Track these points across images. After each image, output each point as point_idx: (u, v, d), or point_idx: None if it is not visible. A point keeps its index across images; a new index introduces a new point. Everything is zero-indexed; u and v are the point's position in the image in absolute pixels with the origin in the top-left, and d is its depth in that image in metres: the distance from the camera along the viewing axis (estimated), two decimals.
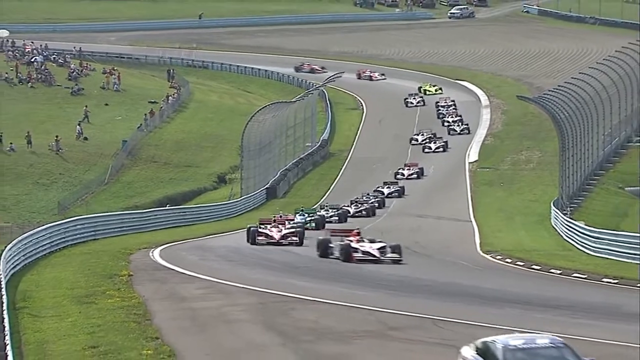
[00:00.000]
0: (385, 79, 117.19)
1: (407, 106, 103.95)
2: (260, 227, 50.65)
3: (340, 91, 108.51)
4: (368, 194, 70.52)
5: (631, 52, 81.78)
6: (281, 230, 50.41)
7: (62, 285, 37.53)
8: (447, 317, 29.41)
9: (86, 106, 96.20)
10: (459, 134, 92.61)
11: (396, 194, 73.22)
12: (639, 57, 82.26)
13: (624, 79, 77.52)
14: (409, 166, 79.42)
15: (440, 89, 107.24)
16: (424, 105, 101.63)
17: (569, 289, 37.46)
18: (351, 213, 65.64)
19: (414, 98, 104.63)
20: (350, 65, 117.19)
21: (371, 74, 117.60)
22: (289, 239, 49.73)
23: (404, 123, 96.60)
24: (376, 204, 68.67)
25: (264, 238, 49.71)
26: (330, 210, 64.21)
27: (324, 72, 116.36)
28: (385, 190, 72.77)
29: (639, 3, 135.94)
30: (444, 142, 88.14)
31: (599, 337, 26.31)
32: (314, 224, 59.57)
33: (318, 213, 62.49)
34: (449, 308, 31.02)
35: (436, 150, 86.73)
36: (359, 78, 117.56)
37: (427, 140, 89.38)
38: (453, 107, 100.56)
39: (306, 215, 59.89)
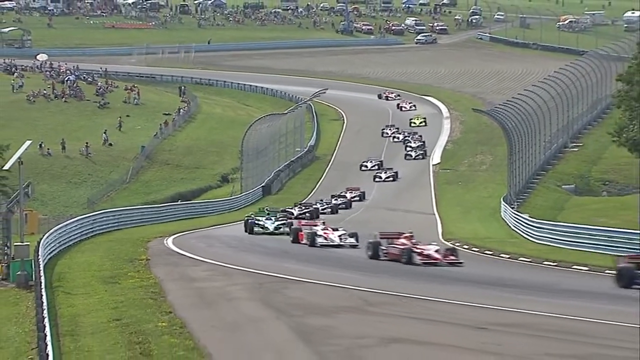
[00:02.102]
0: (415, 109, 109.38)
1: (382, 136, 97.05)
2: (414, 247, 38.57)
3: (324, 104, 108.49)
4: (322, 200, 67.25)
5: (566, 73, 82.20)
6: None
7: (91, 268, 37.53)
8: (415, 294, 29.42)
9: (120, 117, 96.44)
10: (414, 159, 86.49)
11: (343, 205, 68.48)
12: (572, 76, 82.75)
13: (561, 94, 77.84)
14: (351, 190, 72.25)
15: (425, 121, 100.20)
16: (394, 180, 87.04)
17: (516, 271, 37.56)
18: (295, 215, 60.37)
19: (390, 129, 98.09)
20: (333, 83, 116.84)
21: (402, 105, 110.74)
22: (449, 258, 38.02)
23: (378, 133, 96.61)
24: (319, 207, 64.35)
25: (422, 258, 37.73)
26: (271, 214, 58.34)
27: (398, 98, 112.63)
28: (334, 201, 67.44)
29: None
30: (394, 172, 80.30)
31: (539, 311, 26.36)
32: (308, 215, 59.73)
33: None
34: (417, 287, 31.04)
35: (386, 179, 78.81)
36: (398, 107, 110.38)
37: (376, 167, 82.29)
38: (418, 135, 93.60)
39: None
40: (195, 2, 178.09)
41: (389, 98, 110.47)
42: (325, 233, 44.30)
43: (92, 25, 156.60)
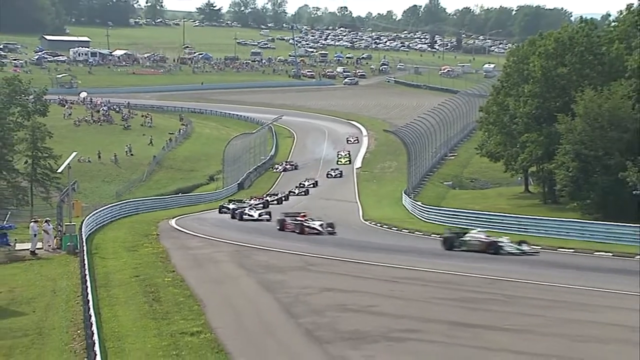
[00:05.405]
0: (358, 142, 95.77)
1: (327, 177, 77.75)
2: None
3: (281, 127, 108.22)
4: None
5: (446, 105, 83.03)
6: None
7: (118, 240, 37.28)
8: (344, 258, 29.50)
9: (151, 135, 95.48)
10: (297, 195, 67.57)
11: (303, 193, 66.84)
12: (450, 108, 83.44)
13: (443, 120, 78.54)
14: (255, 198, 60.35)
15: (349, 160, 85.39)
16: (341, 176, 77.26)
17: (413, 241, 37.72)
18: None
19: (334, 171, 79.10)
20: (287, 111, 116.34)
21: (349, 139, 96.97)
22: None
23: (318, 147, 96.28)
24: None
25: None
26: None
27: (356, 142, 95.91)
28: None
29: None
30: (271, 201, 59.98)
31: (430, 268, 26.56)
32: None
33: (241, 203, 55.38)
34: (346, 253, 31.07)
35: (272, 201, 60.97)
36: (347, 141, 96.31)
37: (275, 202, 61.09)
38: (339, 173, 78.30)
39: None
40: (190, 56, 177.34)
41: (349, 141, 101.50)
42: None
43: (119, 72, 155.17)
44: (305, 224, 39.73)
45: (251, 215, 48.52)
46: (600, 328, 18.34)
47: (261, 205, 58.46)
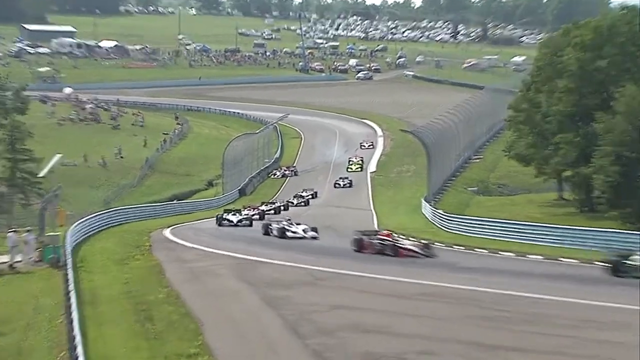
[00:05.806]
0: (373, 147, 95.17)
1: (334, 187, 76.90)
2: None
3: (287, 126, 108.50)
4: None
5: (470, 102, 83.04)
6: None
7: (106, 252, 37.45)
8: (355, 271, 29.65)
9: (145, 136, 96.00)
10: (296, 205, 66.59)
11: (302, 203, 66.84)
12: (475, 105, 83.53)
13: (467, 119, 78.57)
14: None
15: (361, 168, 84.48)
16: (350, 186, 76.28)
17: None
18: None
19: (342, 180, 78.23)
20: (293, 109, 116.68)
21: (362, 143, 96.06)
22: None
23: (328, 149, 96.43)
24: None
25: None
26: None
27: (370, 147, 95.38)
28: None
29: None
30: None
31: (446, 283, 26.69)
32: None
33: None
34: (357, 266, 31.22)
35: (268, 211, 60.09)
36: (360, 145, 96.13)
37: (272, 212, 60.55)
38: (348, 182, 77.06)
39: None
40: (187, 47, 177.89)
41: (363, 147, 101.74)
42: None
43: (107, 66, 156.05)
44: (398, 244, 36.15)
45: (295, 232, 43.97)
46: (635, 350, 18.45)
47: (302, 202, 60.67)
